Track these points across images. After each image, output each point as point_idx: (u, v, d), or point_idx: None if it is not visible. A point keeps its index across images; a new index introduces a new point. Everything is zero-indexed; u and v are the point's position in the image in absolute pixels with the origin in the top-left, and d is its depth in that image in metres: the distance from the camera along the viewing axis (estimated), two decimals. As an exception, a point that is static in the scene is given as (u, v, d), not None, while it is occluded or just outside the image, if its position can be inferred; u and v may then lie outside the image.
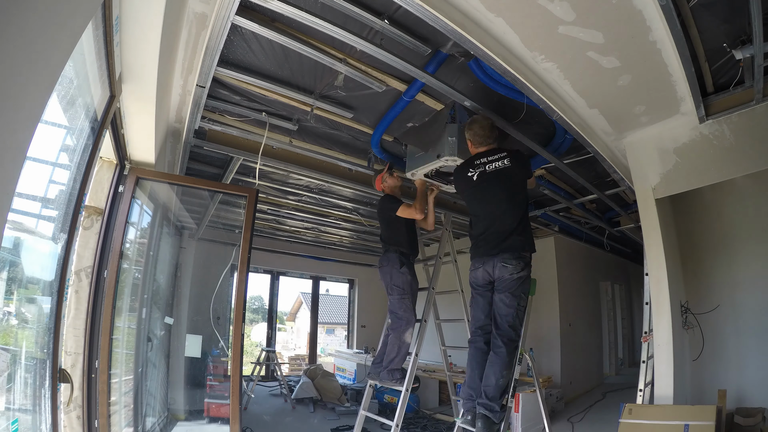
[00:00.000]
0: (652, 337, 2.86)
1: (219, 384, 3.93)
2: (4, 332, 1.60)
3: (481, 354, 2.53)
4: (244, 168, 3.61)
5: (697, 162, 2.70)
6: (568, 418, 4.83)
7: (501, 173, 2.47)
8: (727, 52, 2.13)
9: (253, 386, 5.72)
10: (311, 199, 4.67)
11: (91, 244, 2.21)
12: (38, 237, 1.70)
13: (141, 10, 1.49)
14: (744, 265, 3.35)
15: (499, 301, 2.45)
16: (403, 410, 3.50)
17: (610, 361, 7.39)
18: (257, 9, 1.87)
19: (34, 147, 0.92)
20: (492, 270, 2.49)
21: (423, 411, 5.50)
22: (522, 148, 3.01)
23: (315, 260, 7.86)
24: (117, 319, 2.52)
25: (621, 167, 3.20)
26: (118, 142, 2.20)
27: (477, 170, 2.53)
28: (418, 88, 2.51)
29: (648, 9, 1.76)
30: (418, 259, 4.73)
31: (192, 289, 4.13)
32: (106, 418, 2.16)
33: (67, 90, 1.50)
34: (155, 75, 1.78)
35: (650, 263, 2.86)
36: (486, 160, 2.52)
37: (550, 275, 6.00)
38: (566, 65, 2.16)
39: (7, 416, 1.49)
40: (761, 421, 2.65)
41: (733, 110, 2.51)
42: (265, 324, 9.10)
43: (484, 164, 2.53)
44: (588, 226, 5.81)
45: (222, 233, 4.27)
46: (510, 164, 2.47)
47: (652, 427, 2.40)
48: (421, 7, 1.64)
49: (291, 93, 2.53)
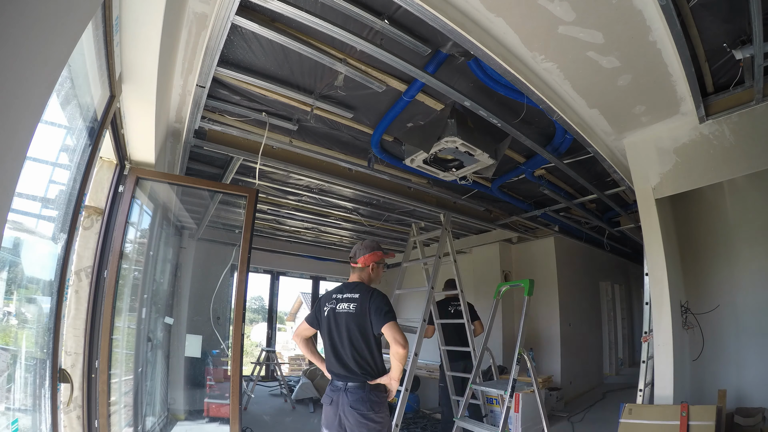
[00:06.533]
0: (652, 337, 2.86)
1: (219, 384, 3.94)
2: (4, 332, 1.60)
3: None
4: (244, 168, 3.61)
5: (697, 162, 2.70)
6: (568, 418, 4.83)
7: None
8: (727, 52, 2.13)
9: (253, 386, 5.72)
10: (311, 199, 4.67)
11: (91, 244, 2.20)
12: (38, 237, 1.70)
13: (141, 10, 1.49)
14: (744, 265, 3.35)
15: None
16: (403, 410, 3.51)
17: (610, 361, 7.39)
18: (257, 9, 1.87)
19: (34, 147, 0.91)
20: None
21: (423, 411, 5.50)
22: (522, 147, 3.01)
23: (315, 260, 7.86)
24: (117, 319, 2.51)
25: (621, 167, 3.20)
26: (118, 142, 2.20)
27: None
28: (418, 88, 2.51)
29: (648, 9, 1.76)
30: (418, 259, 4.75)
31: (192, 289, 4.13)
32: (106, 418, 2.16)
33: (67, 90, 1.50)
34: (155, 75, 1.78)
35: (650, 263, 2.86)
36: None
37: (550, 275, 6.00)
38: (566, 65, 2.16)
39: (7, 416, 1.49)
40: (761, 421, 2.65)
41: (733, 110, 2.52)
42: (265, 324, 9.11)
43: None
44: (588, 226, 5.81)
45: (222, 233, 4.27)
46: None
47: (652, 427, 2.40)
48: (421, 7, 1.64)
49: (291, 93, 2.53)
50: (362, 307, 2.12)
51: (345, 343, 2.12)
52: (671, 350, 2.67)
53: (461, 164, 3.11)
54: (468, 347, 4.14)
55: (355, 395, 2.05)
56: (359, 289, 2.20)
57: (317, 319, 2.29)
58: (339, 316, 2.17)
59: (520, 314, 5.47)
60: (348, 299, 2.18)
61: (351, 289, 2.21)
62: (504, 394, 3.08)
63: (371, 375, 2.09)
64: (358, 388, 2.06)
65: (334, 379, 2.15)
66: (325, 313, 2.22)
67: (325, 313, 2.22)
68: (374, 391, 2.07)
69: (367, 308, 2.11)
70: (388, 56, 2.05)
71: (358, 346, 2.10)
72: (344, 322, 2.14)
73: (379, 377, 2.10)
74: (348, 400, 2.04)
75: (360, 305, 2.13)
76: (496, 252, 6.41)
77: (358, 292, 2.19)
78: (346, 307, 2.16)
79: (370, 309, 2.10)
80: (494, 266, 6.40)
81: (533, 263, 6.32)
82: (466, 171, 3.19)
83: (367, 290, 2.19)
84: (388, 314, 2.07)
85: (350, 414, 2.03)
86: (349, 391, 2.06)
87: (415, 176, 3.96)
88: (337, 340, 2.15)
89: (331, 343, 2.18)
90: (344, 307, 2.16)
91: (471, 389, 3.48)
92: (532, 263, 6.33)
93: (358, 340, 2.11)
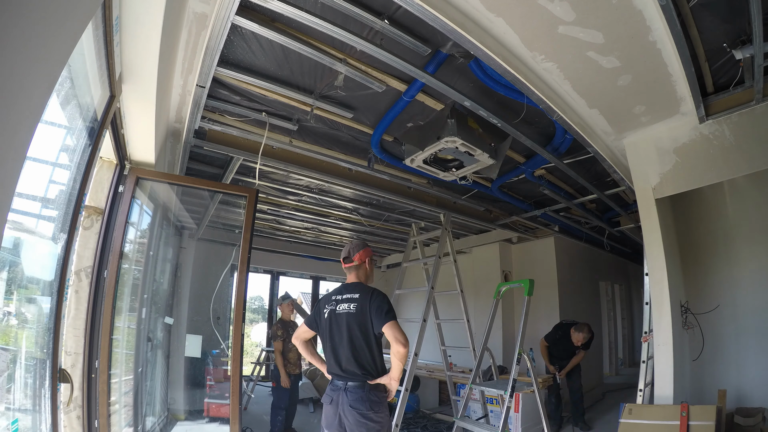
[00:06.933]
0: (652, 337, 2.86)
1: (219, 384, 3.94)
2: (4, 332, 1.60)
3: None
4: (244, 168, 3.61)
5: (697, 162, 2.70)
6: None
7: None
8: (727, 52, 2.13)
9: (253, 386, 5.72)
10: (311, 199, 4.66)
11: (91, 244, 2.20)
12: (38, 237, 1.69)
13: (141, 10, 1.49)
14: (744, 265, 3.35)
15: None
16: (403, 410, 3.51)
17: (610, 361, 7.39)
18: (257, 9, 1.87)
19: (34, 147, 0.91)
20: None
21: (423, 411, 5.50)
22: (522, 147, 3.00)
23: (315, 260, 7.85)
24: (117, 319, 2.51)
25: (621, 167, 3.20)
26: (118, 142, 2.20)
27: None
28: (418, 88, 2.51)
29: (648, 9, 1.76)
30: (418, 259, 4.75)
31: (192, 289, 4.13)
32: (106, 418, 2.16)
33: (67, 90, 1.50)
34: (155, 75, 1.78)
35: (650, 263, 2.86)
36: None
37: (550, 275, 6.00)
38: (566, 65, 2.16)
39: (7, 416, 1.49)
40: (761, 421, 2.65)
41: (733, 110, 2.52)
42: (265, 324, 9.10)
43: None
44: (588, 226, 5.81)
45: (222, 233, 4.27)
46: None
47: (652, 427, 2.40)
48: (421, 7, 1.64)
49: (291, 93, 2.53)
50: (363, 306, 2.13)
51: (345, 343, 2.12)
52: (671, 350, 2.67)
53: (461, 164, 3.11)
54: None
55: (355, 395, 2.05)
56: (359, 289, 2.21)
57: (316, 321, 2.29)
58: (339, 317, 2.17)
59: (520, 314, 5.47)
60: (348, 299, 2.18)
61: (351, 290, 2.21)
62: (504, 394, 3.08)
63: (371, 375, 2.09)
64: (358, 388, 2.06)
65: (335, 379, 2.15)
66: (325, 314, 2.22)
67: (325, 314, 2.22)
68: (374, 391, 2.07)
69: (368, 308, 2.11)
70: (388, 56, 2.05)
71: (359, 346, 2.10)
72: (345, 323, 2.14)
73: (379, 377, 2.11)
74: (348, 400, 2.05)
75: (360, 305, 2.13)
76: (496, 252, 6.41)
77: (358, 292, 2.19)
78: (347, 307, 2.16)
79: (371, 309, 2.10)
80: (494, 266, 6.40)
81: (533, 263, 6.32)
82: (466, 171, 3.19)
83: (367, 290, 2.20)
84: (389, 313, 2.07)
85: (350, 413, 2.03)
86: (348, 390, 2.07)
87: (415, 176, 3.96)
88: (338, 340, 2.15)
89: (331, 344, 2.18)
90: (344, 308, 2.17)
91: (470, 389, 3.49)
92: (532, 263, 6.33)
93: (359, 340, 2.11)
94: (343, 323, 2.15)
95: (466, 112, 2.74)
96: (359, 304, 2.14)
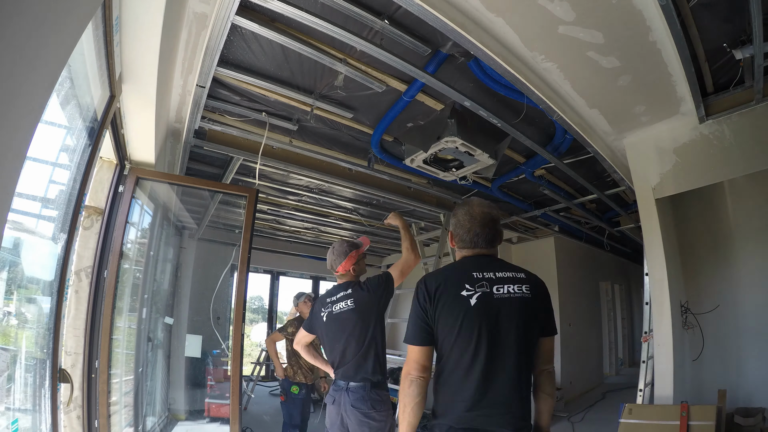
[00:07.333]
0: (652, 337, 2.86)
1: (219, 384, 3.94)
2: (4, 332, 1.60)
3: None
4: (244, 168, 3.61)
5: (697, 162, 2.70)
6: (568, 418, 4.83)
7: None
8: (727, 52, 2.13)
9: (253, 386, 5.72)
10: (311, 199, 4.67)
11: (91, 244, 2.20)
12: (38, 237, 1.70)
13: (141, 10, 1.49)
14: (744, 265, 3.35)
15: None
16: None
17: (610, 361, 7.39)
18: (257, 9, 1.87)
19: (34, 147, 0.92)
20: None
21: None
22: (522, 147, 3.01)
23: (315, 260, 7.86)
24: (117, 319, 2.52)
25: (621, 167, 3.20)
26: (118, 142, 2.20)
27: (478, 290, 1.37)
28: (418, 88, 2.51)
29: (648, 9, 1.76)
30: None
31: (192, 289, 4.13)
32: (106, 418, 2.16)
33: (67, 90, 1.50)
34: (155, 75, 1.78)
35: (650, 263, 2.86)
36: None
37: (550, 275, 5.99)
38: (566, 65, 2.16)
39: (7, 416, 1.49)
40: (761, 421, 2.64)
41: (733, 110, 2.51)
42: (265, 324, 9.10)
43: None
44: (588, 226, 5.81)
45: (222, 233, 4.27)
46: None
47: (652, 427, 2.40)
48: (421, 7, 1.64)
49: (291, 93, 2.53)
50: (359, 295, 2.18)
51: (346, 342, 2.13)
52: (671, 350, 2.67)
53: (461, 164, 3.11)
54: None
55: (357, 394, 2.05)
56: (350, 285, 2.27)
57: (314, 326, 2.33)
58: (339, 317, 2.18)
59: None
60: (343, 297, 2.22)
61: (344, 289, 2.26)
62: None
63: (373, 375, 2.09)
64: (360, 387, 2.06)
65: (337, 379, 2.16)
66: (324, 318, 2.24)
67: (324, 318, 2.24)
68: (375, 390, 2.07)
69: (365, 290, 2.20)
70: (388, 56, 2.05)
71: (360, 345, 2.11)
72: (345, 321, 2.15)
73: (381, 376, 2.11)
74: (349, 400, 2.05)
75: (356, 295, 2.19)
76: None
77: (350, 288, 2.25)
78: (344, 305, 2.18)
79: (369, 288, 2.20)
80: (494, 266, 6.38)
81: (533, 263, 6.30)
82: (466, 171, 3.19)
83: (357, 283, 2.28)
84: (384, 271, 2.26)
85: (352, 413, 2.03)
86: (350, 390, 2.07)
87: (415, 176, 3.96)
88: (339, 341, 2.16)
89: (332, 345, 2.19)
90: (342, 307, 2.19)
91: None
92: (532, 263, 6.32)
93: (360, 339, 2.12)
94: (344, 323, 2.16)
95: (466, 113, 2.74)
96: (355, 296, 2.19)
